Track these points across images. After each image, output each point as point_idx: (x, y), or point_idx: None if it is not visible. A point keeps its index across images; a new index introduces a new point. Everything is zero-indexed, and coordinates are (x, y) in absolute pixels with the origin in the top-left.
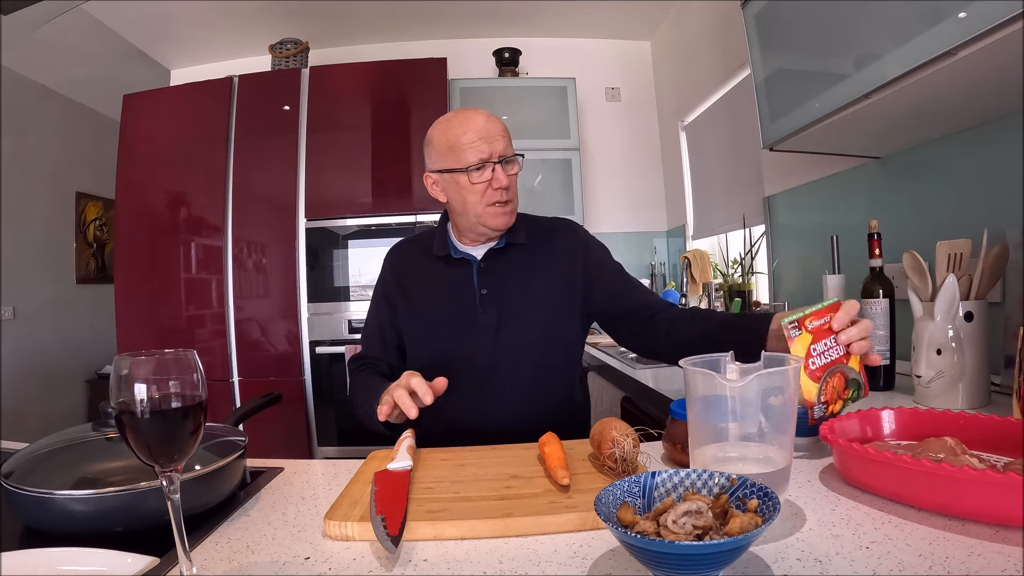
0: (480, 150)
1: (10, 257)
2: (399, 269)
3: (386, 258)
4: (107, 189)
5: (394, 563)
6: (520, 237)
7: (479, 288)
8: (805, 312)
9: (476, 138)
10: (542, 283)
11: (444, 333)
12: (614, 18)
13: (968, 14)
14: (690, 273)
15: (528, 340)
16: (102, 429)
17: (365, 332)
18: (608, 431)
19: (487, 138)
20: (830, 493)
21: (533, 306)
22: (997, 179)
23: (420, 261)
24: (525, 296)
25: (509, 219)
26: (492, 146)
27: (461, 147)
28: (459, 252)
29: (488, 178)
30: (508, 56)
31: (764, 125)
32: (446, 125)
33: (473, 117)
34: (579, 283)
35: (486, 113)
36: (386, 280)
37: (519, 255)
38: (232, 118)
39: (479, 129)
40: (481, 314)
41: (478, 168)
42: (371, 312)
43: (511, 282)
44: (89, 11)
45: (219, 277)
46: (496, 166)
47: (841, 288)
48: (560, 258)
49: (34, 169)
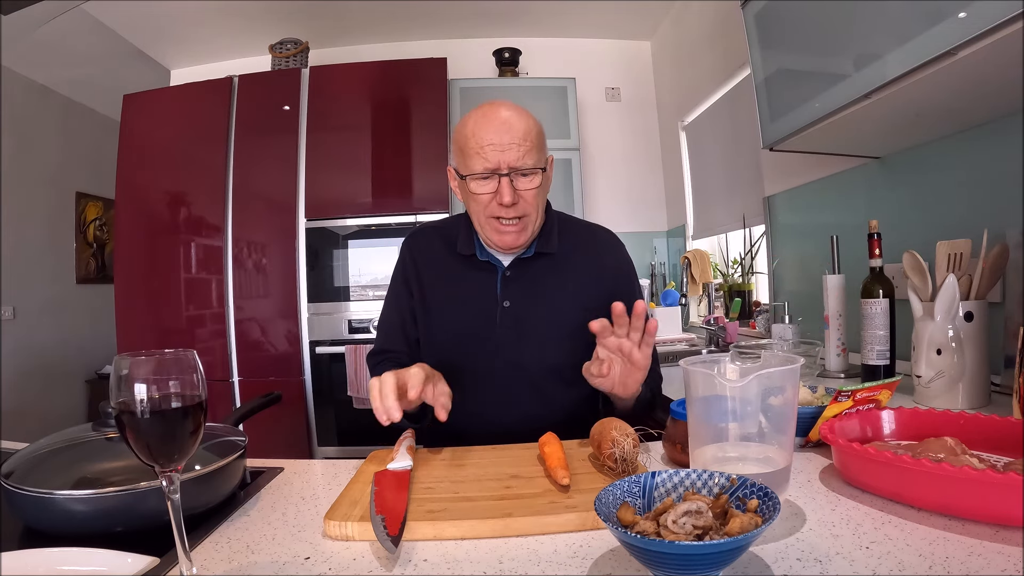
0: (486, 159)
1: (10, 257)
2: (420, 257)
3: (405, 244)
4: (107, 189)
5: (394, 563)
6: (551, 245)
7: (501, 300)
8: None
9: (484, 143)
10: (567, 300)
11: (459, 341)
12: (614, 18)
13: (968, 14)
14: (690, 273)
15: (546, 359)
16: (102, 429)
17: (383, 326)
18: (608, 431)
19: (498, 146)
20: (830, 493)
21: (554, 324)
22: (997, 179)
23: (442, 254)
24: (548, 312)
25: (516, 238)
26: (502, 156)
27: (469, 151)
28: (485, 254)
29: (492, 190)
30: (508, 56)
31: (764, 125)
32: (466, 119)
33: (491, 118)
34: (603, 305)
35: (509, 114)
36: (405, 267)
37: (548, 266)
38: (232, 118)
39: (491, 134)
40: (500, 327)
41: (484, 178)
42: (389, 303)
43: (536, 296)
44: (89, 11)
45: (219, 277)
46: (503, 179)
47: (841, 288)
48: (591, 274)
49: (34, 169)
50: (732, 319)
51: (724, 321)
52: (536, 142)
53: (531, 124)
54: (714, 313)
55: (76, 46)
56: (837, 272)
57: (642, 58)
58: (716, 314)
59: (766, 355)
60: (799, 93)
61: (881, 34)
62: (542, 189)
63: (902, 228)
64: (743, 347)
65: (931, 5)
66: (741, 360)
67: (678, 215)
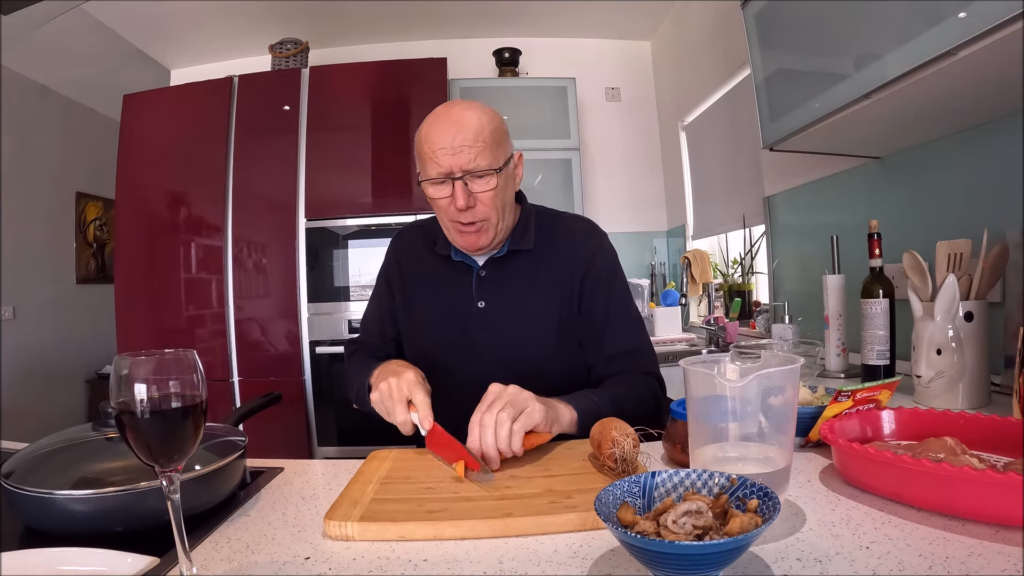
0: (439, 163)
1: (10, 257)
2: (404, 258)
3: (391, 244)
4: (107, 189)
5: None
6: (527, 242)
7: (476, 300)
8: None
9: (436, 147)
10: (543, 297)
11: (436, 343)
12: (614, 18)
13: (968, 14)
14: (690, 273)
15: (524, 358)
16: (102, 429)
17: (364, 320)
18: (608, 431)
19: (448, 149)
20: (830, 493)
21: (530, 323)
22: (997, 179)
23: (424, 254)
24: (524, 311)
25: (476, 240)
26: (454, 159)
27: (423, 155)
28: (460, 255)
29: (448, 194)
30: (508, 56)
31: (764, 125)
32: (423, 124)
33: (442, 121)
34: (576, 298)
35: (461, 114)
36: (390, 268)
37: (524, 262)
38: (232, 118)
39: (442, 137)
40: (475, 329)
41: (439, 182)
42: (372, 301)
43: (511, 294)
44: (89, 11)
45: (219, 277)
46: (456, 183)
47: (841, 288)
48: (565, 267)
49: (34, 169)
50: (732, 319)
51: (724, 321)
52: (490, 141)
53: (484, 123)
54: (714, 313)
55: (76, 46)
56: (837, 272)
57: (642, 58)
58: (716, 314)
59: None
60: (799, 93)
61: (881, 34)
62: (500, 190)
63: (902, 228)
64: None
65: (931, 5)
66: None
67: (678, 215)
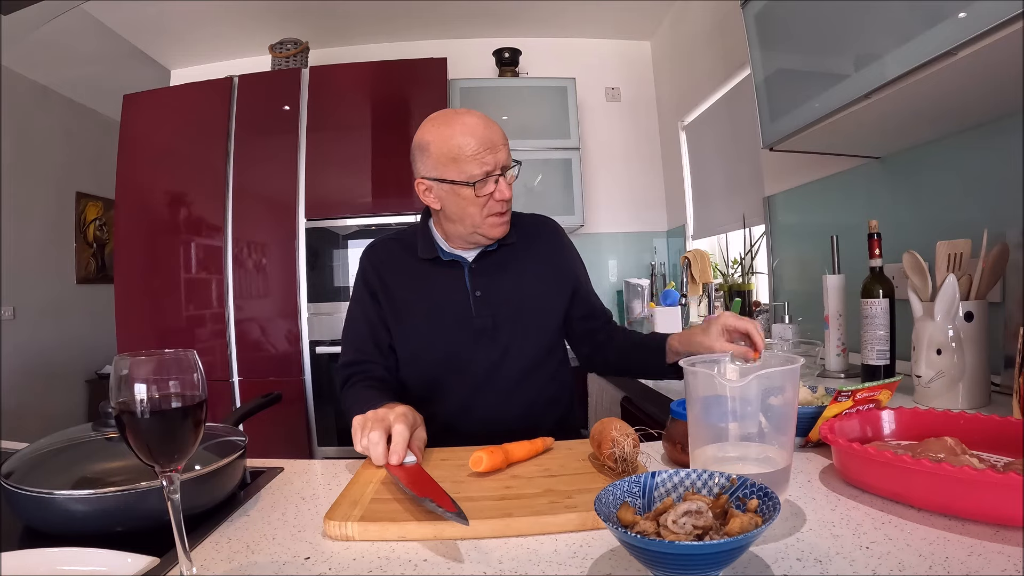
0: (485, 162)
1: (10, 257)
2: (383, 266)
3: (365, 256)
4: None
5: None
6: (511, 237)
7: (472, 290)
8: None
9: (480, 149)
10: (532, 284)
11: (438, 336)
12: (614, 18)
13: (968, 14)
14: (690, 273)
15: (523, 340)
16: (102, 429)
17: (350, 335)
18: (608, 431)
19: (491, 148)
20: (830, 493)
21: (526, 306)
22: (997, 179)
23: (404, 261)
24: (518, 296)
25: (506, 228)
26: (496, 157)
27: (464, 159)
28: (448, 255)
29: (492, 190)
30: (508, 56)
31: (764, 125)
32: (447, 132)
33: (474, 125)
34: (567, 286)
35: (483, 118)
36: (368, 278)
37: (510, 255)
38: (232, 118)
39: (483, 139)
40: (476, 317)
41: (483, 180)
42: (354, 313)
43: (504, 283)
44: (89, 11)
45: (219, 277)
46: (500, 178)
47: (841, 288)
48: (547, 259)
49: (34, 169)
50: None
51: None
52: (507, 140)
53: (499, 125)
54: (714, 313)
55: (76, 46)
56: (837, 272)
57: (642, 58)
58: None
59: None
60: (799, 93)
61: (881, 34)
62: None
63: (902, 228)
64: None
65: (931, 5)
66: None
67: (678, 215)
